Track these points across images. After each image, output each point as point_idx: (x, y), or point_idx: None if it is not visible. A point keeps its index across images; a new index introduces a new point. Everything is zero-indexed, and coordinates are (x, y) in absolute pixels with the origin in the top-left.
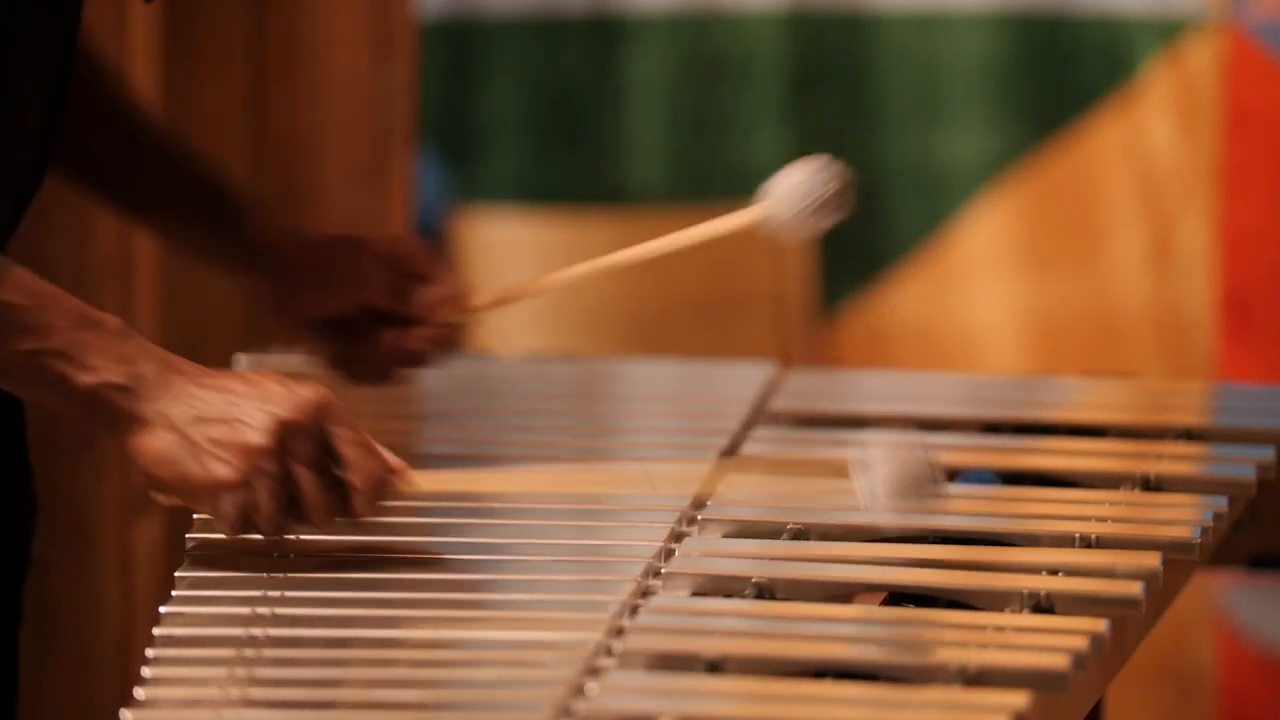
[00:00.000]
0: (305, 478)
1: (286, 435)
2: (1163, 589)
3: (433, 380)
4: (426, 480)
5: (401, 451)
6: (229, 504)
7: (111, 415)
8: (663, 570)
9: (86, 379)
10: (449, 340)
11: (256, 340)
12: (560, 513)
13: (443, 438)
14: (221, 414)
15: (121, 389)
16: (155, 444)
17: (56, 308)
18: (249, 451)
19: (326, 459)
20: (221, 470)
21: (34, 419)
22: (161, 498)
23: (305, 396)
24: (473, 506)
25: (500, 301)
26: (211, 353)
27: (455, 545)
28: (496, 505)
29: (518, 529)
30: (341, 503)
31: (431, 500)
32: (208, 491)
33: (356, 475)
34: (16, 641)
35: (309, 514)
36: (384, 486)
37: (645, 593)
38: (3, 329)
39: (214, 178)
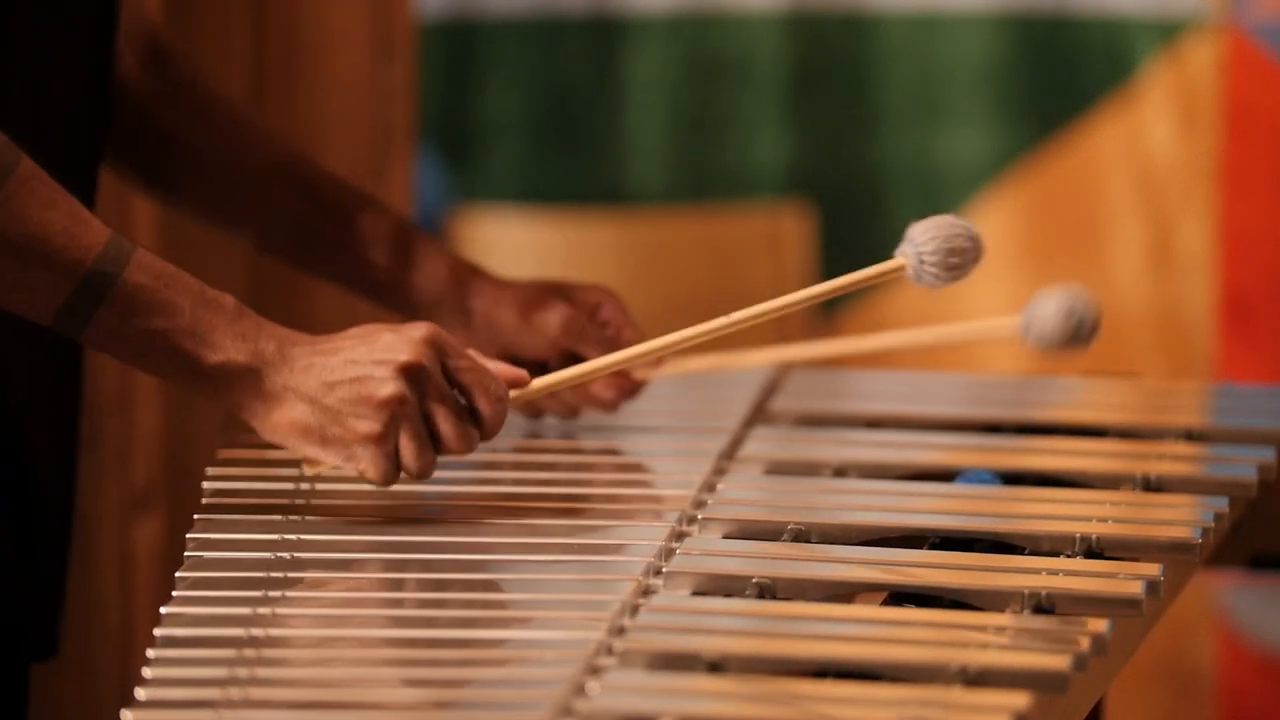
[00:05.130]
0: (439, 413)
1: (412, 378)
2: (1163, 589)
3: None
4: (542, 383)
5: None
6: (378, 456)
7: (239, 393)
8: (664, 569)
9: (213, 357)
10: (634, 392)
11: None
12: (561, 511)
13: None
14: (347, 374)
15: (246, 367)
16: (292, 416)
17: (180, 286)
18: (383, 403)
19: (452, 390)
20: (363, 426)
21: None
22: (308, 467)
23: (415, 336)
24: (473, 506)
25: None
26: None
27: (455, 544)
28: (497, 505)
29: (518, 528)
30: (474, 428)
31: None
32: (354, 450)
33: (481, 400)
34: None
35: (449, 446)
36: (506, 404)
37: (646, 592)
38: (133, 308)
39: (409, 230)
